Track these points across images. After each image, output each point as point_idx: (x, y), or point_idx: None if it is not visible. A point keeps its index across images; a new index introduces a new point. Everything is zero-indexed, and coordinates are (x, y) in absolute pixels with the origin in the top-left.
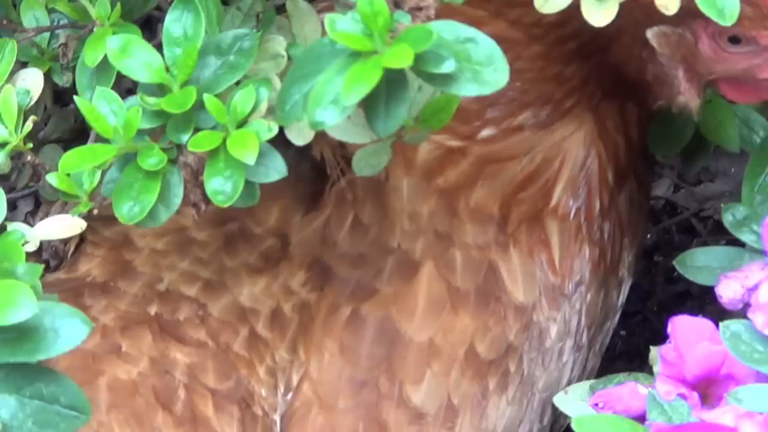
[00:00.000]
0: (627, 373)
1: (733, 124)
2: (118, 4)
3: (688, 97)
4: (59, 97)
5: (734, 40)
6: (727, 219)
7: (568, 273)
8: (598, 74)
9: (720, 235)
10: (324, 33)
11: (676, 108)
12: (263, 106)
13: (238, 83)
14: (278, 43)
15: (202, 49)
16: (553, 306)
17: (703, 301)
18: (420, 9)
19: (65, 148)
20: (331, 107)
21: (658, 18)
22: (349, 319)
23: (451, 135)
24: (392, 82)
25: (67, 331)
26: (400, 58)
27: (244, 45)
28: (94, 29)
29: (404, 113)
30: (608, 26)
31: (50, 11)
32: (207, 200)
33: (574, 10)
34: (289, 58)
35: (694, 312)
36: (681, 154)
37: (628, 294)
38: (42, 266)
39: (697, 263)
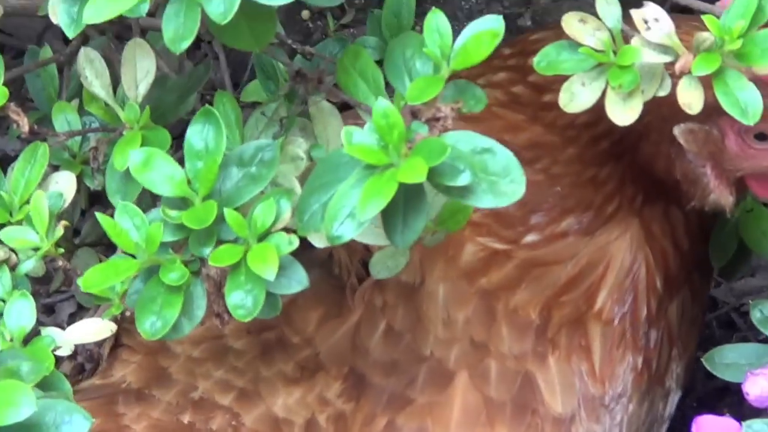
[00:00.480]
0: None
1: None
2: (147, 108)
3: (718, 194)
4: (97, 199)
5: (761, 136)
6: (755, 315)
7: (609, 382)
8: (634, 175)
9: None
10: None
11: (709, 207)
12: (285, 217)
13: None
14: (298, 146)
15: (224, 160)
16: (592, 418)
17: (741, 397)
18: (437, 119)
19: (103, 251)
20: (348, 221)
21: (684, 115)
22: (384, 430)
23: (496, 238)
24: (410, 195)
25: (68, 427)
26: (415, 172)
27: (266, 156)
28: (124, 133)
29: (422, 225)
30: (637, 124)
31: (82, 114)
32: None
33: (604, 109)
34: (311, 159)
35: (733, 408)
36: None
37: None
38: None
39: (725, 360)
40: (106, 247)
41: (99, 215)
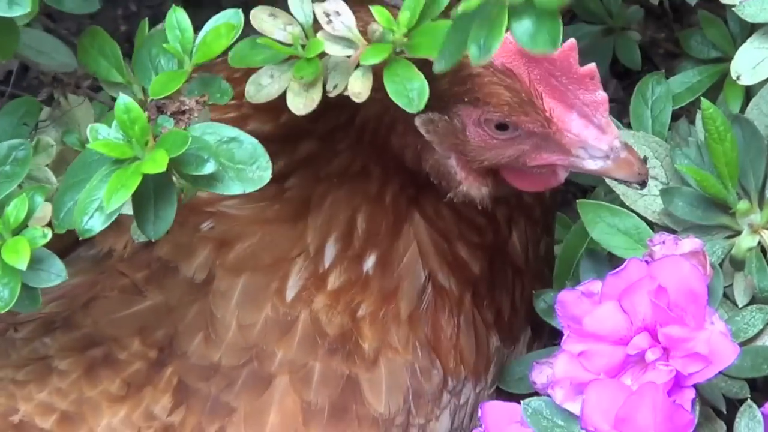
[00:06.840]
0: None
1: None
2: None
3: (468, 186)
4: None
5: (501, 127)
6: (539, 305)
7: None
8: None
9: None
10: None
11: (461, 199)
12: (40, 212)
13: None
14: (49, 135)
15: None
16: (422, 413)
17: None
18: (183, 113)
19: None
20: (96, 214)
21: (426, 104)
22: None
23: None
24: (158, 187)
25: None
26: (157, 163)
27: (19, 155)
28: None
29: (173, 216)
30: (384, 116)
31: None
32: None
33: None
34: (65, 144)
35: None
36: None
37: None
38: None
39: (516, 375)
40: None
41: None
